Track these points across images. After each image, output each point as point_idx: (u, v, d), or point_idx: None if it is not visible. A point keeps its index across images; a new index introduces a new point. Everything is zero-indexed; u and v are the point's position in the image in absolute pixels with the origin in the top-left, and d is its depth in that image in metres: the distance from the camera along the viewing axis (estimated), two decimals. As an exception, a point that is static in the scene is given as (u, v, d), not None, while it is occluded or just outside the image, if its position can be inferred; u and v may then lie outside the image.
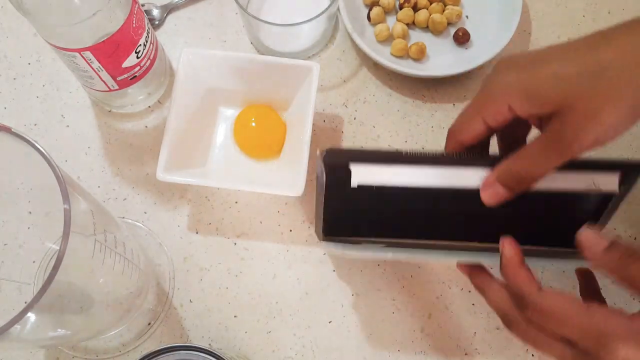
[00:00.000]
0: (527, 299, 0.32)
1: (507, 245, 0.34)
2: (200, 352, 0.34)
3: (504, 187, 0.33)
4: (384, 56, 0.51)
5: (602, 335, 0.29)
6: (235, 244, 0.48)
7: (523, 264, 0.34)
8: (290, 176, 0.44)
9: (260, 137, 0.49)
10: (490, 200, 0.34)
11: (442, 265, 0.47)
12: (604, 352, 0.29)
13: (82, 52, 0.41)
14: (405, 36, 0.53)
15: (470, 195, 0.34)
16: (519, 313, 0.33)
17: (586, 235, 0.33)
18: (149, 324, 0.46)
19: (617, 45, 0.30)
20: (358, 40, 0.51)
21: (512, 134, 0.37)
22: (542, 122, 0.34)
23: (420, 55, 0.52)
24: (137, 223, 0.49)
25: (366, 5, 0.55)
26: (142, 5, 0.54)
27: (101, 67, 0.43)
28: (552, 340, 0.32)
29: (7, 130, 0.28)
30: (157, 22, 0.55)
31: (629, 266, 0.31)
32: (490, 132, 0.36)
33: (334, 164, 0.34)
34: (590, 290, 0.38)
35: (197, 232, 0.48)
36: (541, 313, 0.31)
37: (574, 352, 0.31)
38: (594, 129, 0.30)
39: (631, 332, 0.29)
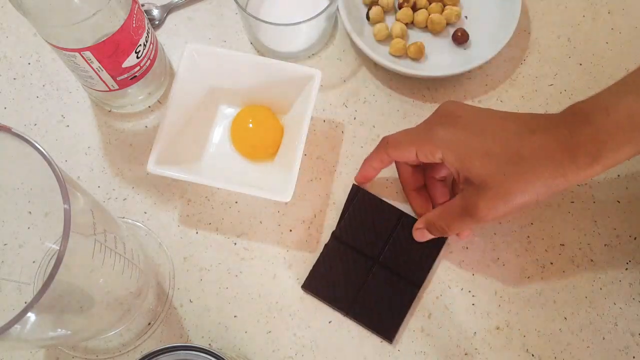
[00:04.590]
0: None
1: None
2: (200, 352, 0.34)
3: (428, 231, 0.45)
4: (382, 55, 0.51)
5: None
6: (235, 244, 0.48)
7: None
8: (281, 181, 0.44)
9: (256, 138, 0.49)
10: (418, 239, 0.46)
11: (442, 266, 0.47)
12: None
13: (82, 52, 0.41)
14: (404, 36, 0.53)
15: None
16: None
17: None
18: (149, 324, 0.46)
19: (536, 141, 0.37)
20: (356, 40, 0.51)
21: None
22: (460, 175, 0.41)
23: (418, 54, 0.52)
24: (137, 223, 0.49)
25: (365, 5, 0.55)
26: (142, 5, 0.54)
27: (101, 67, 0.43)
28: None
29: (7, 130, 0.28)
30: (157, 22, 0.55)
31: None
32: (414, 165, 0.46)
33: None
34: None
35: (197, 232, 0.48)
36: None
37: None
38: (503, 207, 0.38)
39: None
